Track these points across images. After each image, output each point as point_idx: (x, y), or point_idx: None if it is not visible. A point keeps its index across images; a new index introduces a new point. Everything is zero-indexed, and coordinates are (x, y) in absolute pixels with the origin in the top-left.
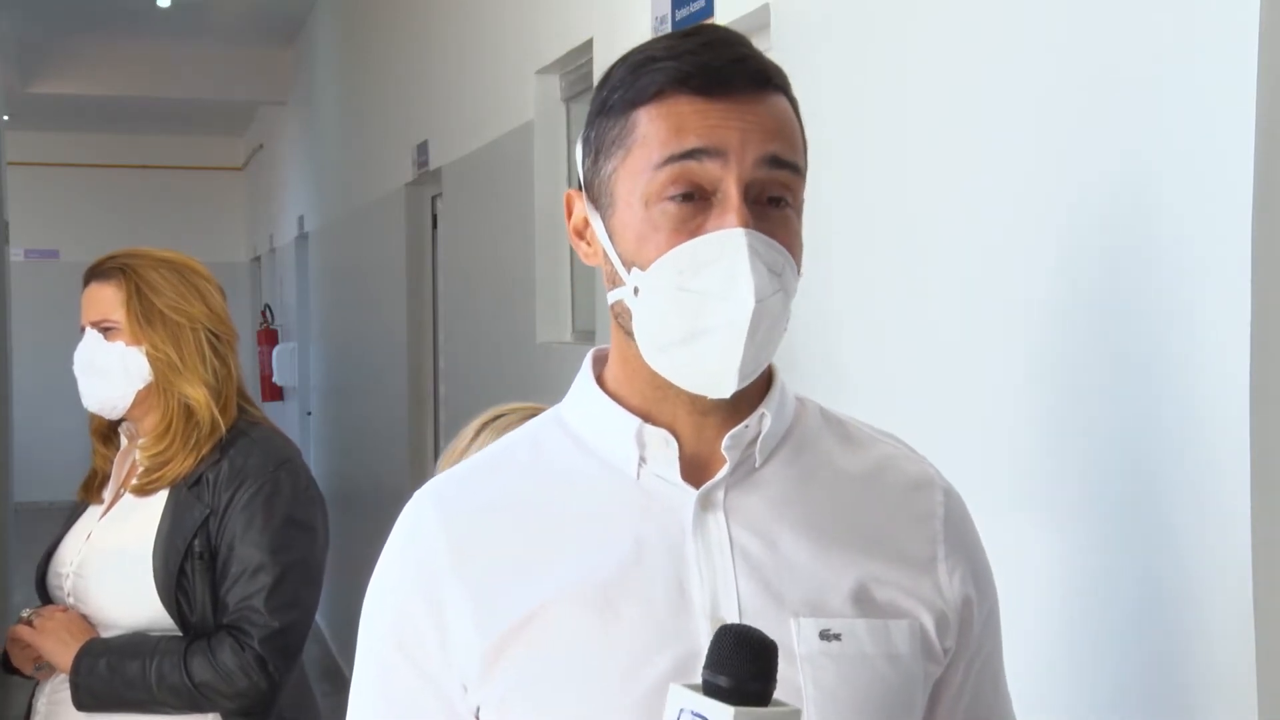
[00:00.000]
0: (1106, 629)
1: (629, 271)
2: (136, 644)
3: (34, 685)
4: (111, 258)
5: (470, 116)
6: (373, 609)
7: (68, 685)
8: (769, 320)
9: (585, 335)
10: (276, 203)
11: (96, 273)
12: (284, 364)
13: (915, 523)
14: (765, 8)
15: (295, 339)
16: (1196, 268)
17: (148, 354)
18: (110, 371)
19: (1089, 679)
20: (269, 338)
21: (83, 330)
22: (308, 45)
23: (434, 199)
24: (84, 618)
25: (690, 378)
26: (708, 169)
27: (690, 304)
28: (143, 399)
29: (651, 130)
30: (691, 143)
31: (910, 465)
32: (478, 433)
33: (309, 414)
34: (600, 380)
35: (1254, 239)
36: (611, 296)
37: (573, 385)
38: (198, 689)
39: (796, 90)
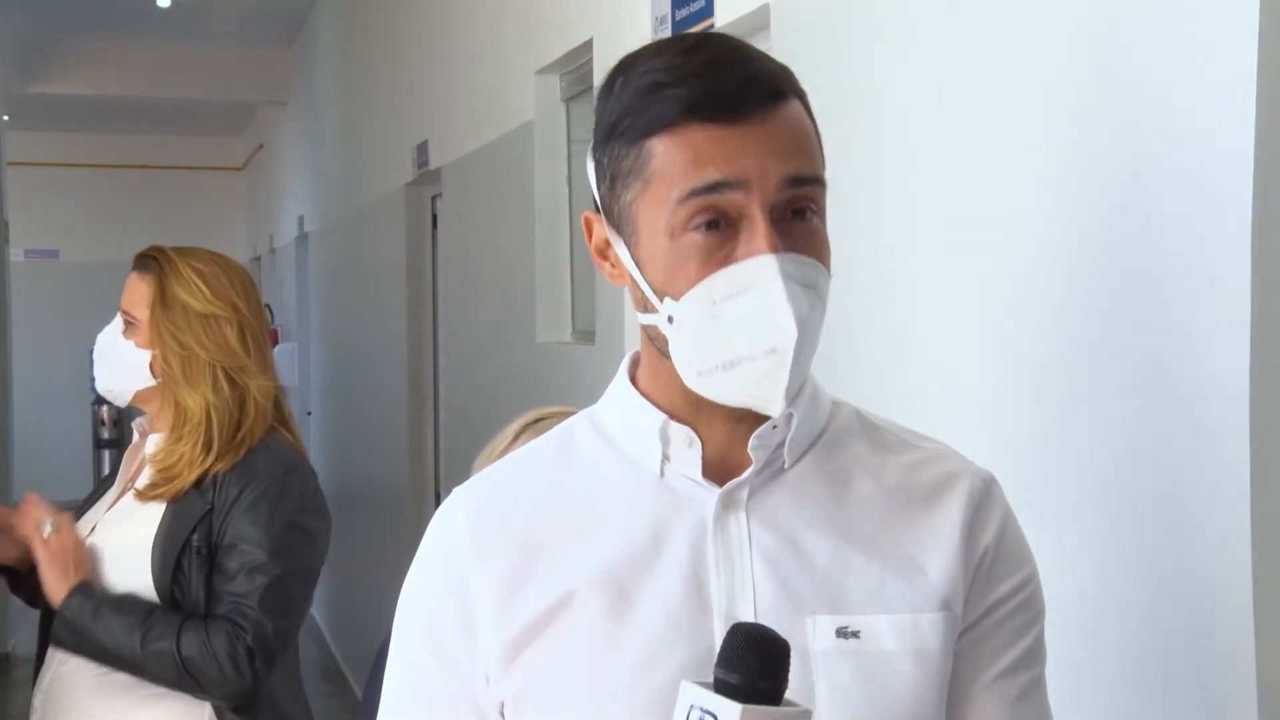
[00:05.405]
0: (1106, 631)
1: (661, 300)
2: (130, 603)
3: (33, 681)
4: (154, 256)
5: (470, 116)
6: (405, 610)
7: (65, 679)
8: (810, 337)
9: (585, 335)
10: (276, 203)
11: (137, 261)
12: (284, 364)
13: (944, 513)
14: (765, 8)
15: (295, 339)
16: (1197, 269)
17: (154, 360)
18: (118, 365)
19: (1090, 680)
20: (269, 338)
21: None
22: (308, 45)
23: (434, 199)
24: (93, 557)
25: (736, 398)
26: (730, 199)
27: (728, 332)
28: (151, 396)
29: (668, 162)
30: (712, 176)
31: (946, 463)
32: (518, 435)
33: (309, 414)
34: (634, 382)
35: (1254, 239)
36: (643, 319)
37: (609, 386)
38: (183, 663)
39: None
